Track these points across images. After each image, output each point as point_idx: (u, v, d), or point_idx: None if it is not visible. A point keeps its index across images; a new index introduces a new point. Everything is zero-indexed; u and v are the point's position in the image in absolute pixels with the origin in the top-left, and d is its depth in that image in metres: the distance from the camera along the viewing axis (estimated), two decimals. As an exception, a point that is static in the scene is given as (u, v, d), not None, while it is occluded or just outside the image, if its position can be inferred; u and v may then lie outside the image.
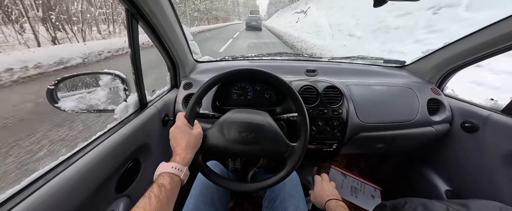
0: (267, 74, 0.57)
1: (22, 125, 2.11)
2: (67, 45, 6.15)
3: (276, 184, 0.56)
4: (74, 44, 6.29)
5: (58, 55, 4.32)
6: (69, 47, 5.59)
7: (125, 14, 0.56)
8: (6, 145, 1.76)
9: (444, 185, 0.97)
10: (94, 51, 5.33)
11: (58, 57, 4.25)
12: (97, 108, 0.64)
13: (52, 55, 4.24)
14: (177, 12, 0.76)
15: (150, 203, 0.36)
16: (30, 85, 3.33)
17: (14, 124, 2.11)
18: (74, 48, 5.21)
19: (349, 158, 1.52)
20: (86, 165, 0.46)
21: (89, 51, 5.19)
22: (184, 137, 0.49)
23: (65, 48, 5.11)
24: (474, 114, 0.86)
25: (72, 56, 4.56)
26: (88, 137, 0.58)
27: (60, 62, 4.22)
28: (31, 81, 3.46)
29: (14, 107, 2.44)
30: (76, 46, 5.67)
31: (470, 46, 0.81)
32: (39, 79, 3.58)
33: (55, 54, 4.34)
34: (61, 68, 4.17)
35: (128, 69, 0.68)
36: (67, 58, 4.42)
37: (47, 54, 4.22)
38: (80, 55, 4.79)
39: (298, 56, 1.30)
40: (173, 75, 0.96)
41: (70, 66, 4.37)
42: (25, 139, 1.85)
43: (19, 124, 2.12)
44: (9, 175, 1.46)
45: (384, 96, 0.93)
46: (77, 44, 6.36)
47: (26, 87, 3.26)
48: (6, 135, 1.90)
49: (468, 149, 0.88)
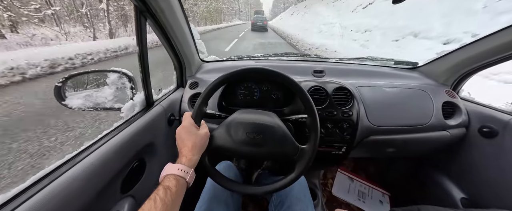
0: (276, 73, 0.55)
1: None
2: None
3: (285, 188, 0.54)
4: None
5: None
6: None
7: (134, 11, 0.55)
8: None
9: (459, 192, 0.92)
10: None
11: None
12: (103, 106, 0.64)
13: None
14: (185, 11, 0.75)
15: (156, 206, 0.35)
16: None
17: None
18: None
19: (357, 162, 1.48)
20: (92, 164, 0.46)
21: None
22: (191, 138, 0.48)
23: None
24: (493, 118, 0.81)
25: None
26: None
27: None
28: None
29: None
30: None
31: (489, 47, 0.77)
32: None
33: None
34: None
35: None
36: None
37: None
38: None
39: (305, 56, 1.28)
40: (180, 74, 0.96)
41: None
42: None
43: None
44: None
45: (396, 98, 0.90)
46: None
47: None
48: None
49: (486, 155, 0.83)
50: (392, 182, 1.30)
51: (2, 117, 2.27)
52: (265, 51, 7.05)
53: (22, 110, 2.45)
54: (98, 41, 7.59)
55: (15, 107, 2.53)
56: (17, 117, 2.30)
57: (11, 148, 1.74)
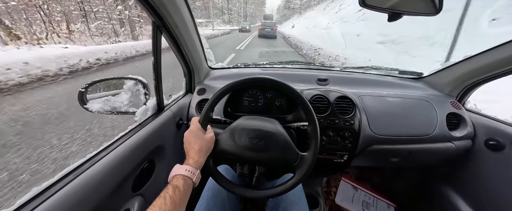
0: (279, 83, 0.59)
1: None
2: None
3: (284, 193, 0.56)
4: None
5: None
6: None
7: (152, 26, 0.61)
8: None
9: (466, 206, 0.90)
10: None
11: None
12: (120, 110, 0.70)
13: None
14: (196, 23, 0.81)
15: (165, 203, 0.38)
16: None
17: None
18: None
19: (361, 171, 1.46)
20: (109, 164, 0.50)
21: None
22: (198, 141, 0.52)
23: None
24: (500, 131, 0.80)
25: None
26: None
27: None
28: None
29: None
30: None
31: (496, 59, 0.77)
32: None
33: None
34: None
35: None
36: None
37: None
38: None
39: (309, 64, 1.31)
40: (189, 80, 1.01)
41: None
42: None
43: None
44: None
45: (399, 108, 0.90)
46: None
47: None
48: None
49: (493, 169, 0.81)
50: (398, 194, 1.27)
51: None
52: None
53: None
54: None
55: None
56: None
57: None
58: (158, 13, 0.59)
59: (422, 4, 0.53)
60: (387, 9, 0.50)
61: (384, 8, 0.50)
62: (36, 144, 1.83)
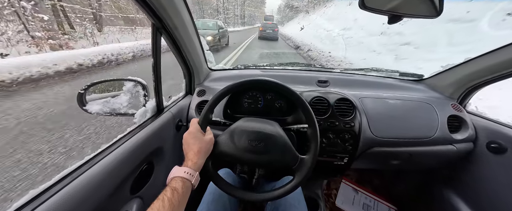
0: (279, 85, 0.59)
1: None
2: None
3: (283, 196, 0.56)
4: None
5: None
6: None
7: (151, 28, 0.61)
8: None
9: (467, 209, 0.89)
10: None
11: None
12: (119, 111, 0.70)
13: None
14: (196, 25, 0.81)
15: (164, 206, 0.38)
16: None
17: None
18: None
19: (362, 173, 1.45)
20: (108, 166, 0.50)
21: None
22: (197, 143, 0.51)
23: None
24: (502, 134, 0.79)
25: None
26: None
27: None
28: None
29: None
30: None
31: (498, 61, 0.76)
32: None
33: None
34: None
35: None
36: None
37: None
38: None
39: (309, 66, 1.31)
40: (188, 82, 1.01)
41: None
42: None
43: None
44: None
45: (400, 110, 0.90)
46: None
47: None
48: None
49: (495, 172, 0.81)
50: (399, 196, 1.26)
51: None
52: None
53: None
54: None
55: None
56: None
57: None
58: (158, 15, 0.59)
59: (423, 6, 0.52)
60: (387, 12, 0.50)
61: (384, 10, 0.50)
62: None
